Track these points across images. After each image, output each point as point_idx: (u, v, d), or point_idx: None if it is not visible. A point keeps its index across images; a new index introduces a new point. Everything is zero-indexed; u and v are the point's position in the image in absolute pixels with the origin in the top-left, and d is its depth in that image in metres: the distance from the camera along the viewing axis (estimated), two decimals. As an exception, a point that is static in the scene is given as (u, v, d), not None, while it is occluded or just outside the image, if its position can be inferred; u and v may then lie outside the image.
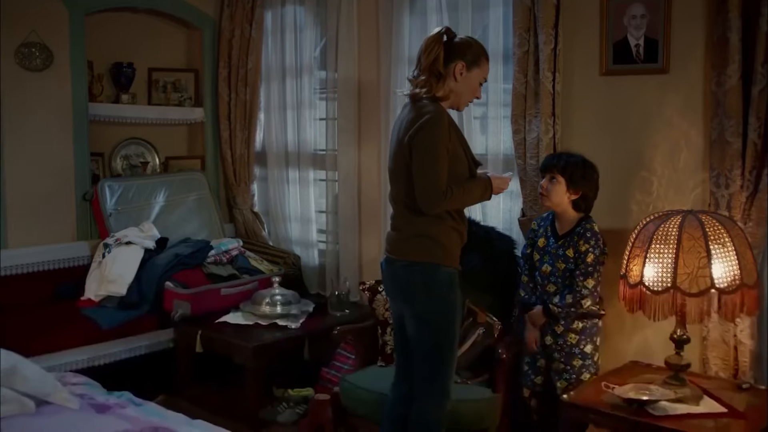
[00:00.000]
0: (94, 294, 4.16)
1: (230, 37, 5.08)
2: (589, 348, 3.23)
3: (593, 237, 3.17)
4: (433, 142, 2.74)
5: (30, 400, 3.10)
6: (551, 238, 3.30)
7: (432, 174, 2.74)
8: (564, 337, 3.23)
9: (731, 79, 3.05)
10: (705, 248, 2.61)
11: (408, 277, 2.87)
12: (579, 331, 3.22)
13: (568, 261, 3.21)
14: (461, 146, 2.86)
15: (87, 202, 4.57)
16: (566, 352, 3.23)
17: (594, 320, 3.25)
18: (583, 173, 3.20)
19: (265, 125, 5.13)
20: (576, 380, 3.20)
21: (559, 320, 3.21)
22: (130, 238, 4.32)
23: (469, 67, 2.86)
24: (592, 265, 3.14)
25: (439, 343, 2.85)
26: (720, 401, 2.77)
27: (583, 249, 3.15)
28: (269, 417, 3.99)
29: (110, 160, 5.05)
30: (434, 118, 2.75)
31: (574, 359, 3.22)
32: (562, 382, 3.23)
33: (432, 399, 2.89)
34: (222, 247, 4.50)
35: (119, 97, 4.97)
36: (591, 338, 3.24)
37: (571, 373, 3.22)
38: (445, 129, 2.76)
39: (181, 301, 4.13)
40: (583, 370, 3.22)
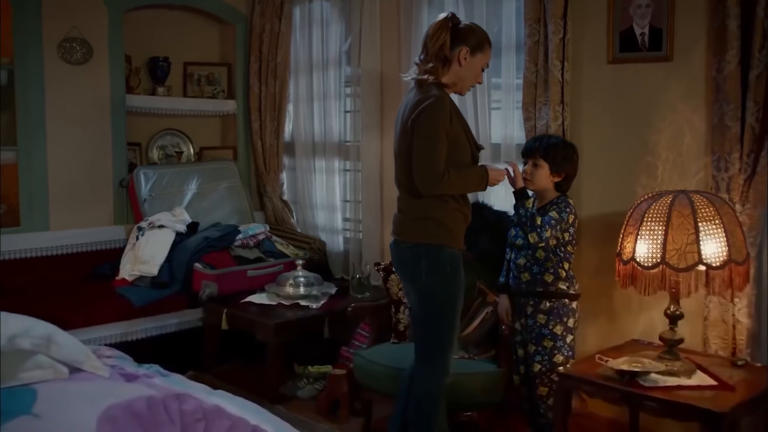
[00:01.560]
0: (128, 274, 4.40)
1: (261, 32, 5.30)
2: (558, 329, 3.24)
3: (565, 205, 3.23)
4: (433, 126, 2.85)
5: (64, 366, 3.34)
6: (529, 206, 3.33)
7: (430, 157, 2.85)
8: (534, 318, 3.27)
9: (730, 65, 3.14)
10: (693, 225, 2.71)
11: (413, 258, 2.99)
12: (547, 311, 3.24)
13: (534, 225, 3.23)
14: (463, 130, 2.98)
15: (123, 188, 4.84)
16: (536, 334, 3.26)
17: (563, 300, 3.25)
18: (564, 155, 3.27)
19: (293, 116, 5.34)
20: (549, 362, 3.23)
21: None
22: (162, 221, 4.56)
23: (472, 53, 2.98)
24: (554, 219, 3.17)
25: (440, 321, 2.98)
26: (712, 375, 2.86)
27: (551, 211, 3.21)
28: (290, 392, 4.19)
29: (147, 150, 5.32)
30: (436, 102, 2.86)
31: (545, 340, 3.24)
32: (536, 365, 3.26)
33: (431, 375, 3.02)
34: (249, 232, 4.72)
35: (155, 89, 5.23)
36: (561, 319, 3.24)
37: (543, 355, 3.24)
38: (446, 113, 2.87)
39: (208, 281, 4.35)
40: (555, 351, 3.23)
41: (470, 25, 3.08)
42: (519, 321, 3.38)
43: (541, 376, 3.25)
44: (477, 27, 3.10)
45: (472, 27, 3.07)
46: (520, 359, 3.41)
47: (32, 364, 3.20)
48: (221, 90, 5.54)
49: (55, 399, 3.04)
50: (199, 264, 4.40)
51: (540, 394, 3.27)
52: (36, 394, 3.06)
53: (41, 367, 3.23)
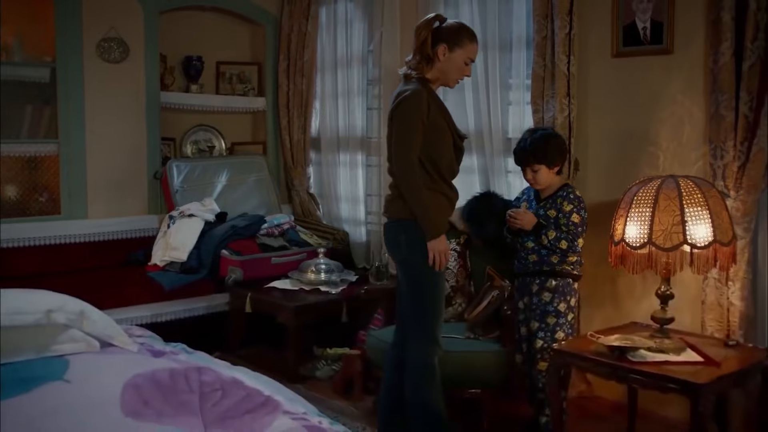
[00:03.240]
0: (159, 260, 4.67)
1: (289, 32, 5.54)
2: (563, 306, 3.39)
3: (576, 198, 3.39)
4: (406, 117, 3.04)
5: (95, 341, 3.60)
6: (533, 201, 3.53)
7: (402, 144, 3.05)
8: (539, 296, 3.42)
9: (724, 56, 3.26)
10: (679, 207, 2.85)
11: (395, 233, 3.18)
12: (552, 289, 3.40)
13: (548, 221, 3.41)
14: (444, 120, 3.13)
15: (157, 180, 5.12)
16: (541, 311, 3.41)
17: (567, 280, 3.41)
18: (555, 149, 3.42)
19: (319, 113, 5.56)
20: (551, 338, 3.38)
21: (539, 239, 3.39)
22: (192, 211, 4.81)
23: (451, 49, 3.12)
24: (580, 225, 3.36)
25: (423, 293, 3.15)
26: (700, 353, 2.97)
27: (567, 209, 3.37)
28: (309, 373, 4.39)
29: (181, 145, 5.60)
30: (410, 95, 3.06)
31: (548, 317, 3.39)
32: (538, 341, 3.41)
33: (420, 344, 3.17)
34: (275, 222, 4.95)
35: (189, 87, 5.51)
36: (564, 297, 3.40)
37: (546, 331, 3.39)
38: (420, 106, 3.04)
39: (234, 267, 4.59)
40: (557, 328, 3.38)
41: (453, 24, 3.21)
42: (522, 300, 3.54)
43: (543, 351, 3.38)
44: (459, 25, 3.23)
45: (453, 25, 3.19)
46: (523, 337, 3.55)
47: (66, 338, 3.46)
48: (252, 88, 5.79)
49: (85, 368, 3.29)
50: (225, 251, 4.64)
51: (540, 369, 3.39)
52: (68, 363, 3.31)
53: (74, 341, 3.49)
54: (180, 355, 3.65)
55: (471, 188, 4.27)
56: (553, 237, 3.36)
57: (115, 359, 3.47)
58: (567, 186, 3.48)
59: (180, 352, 3.69)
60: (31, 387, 3.06)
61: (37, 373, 3.18)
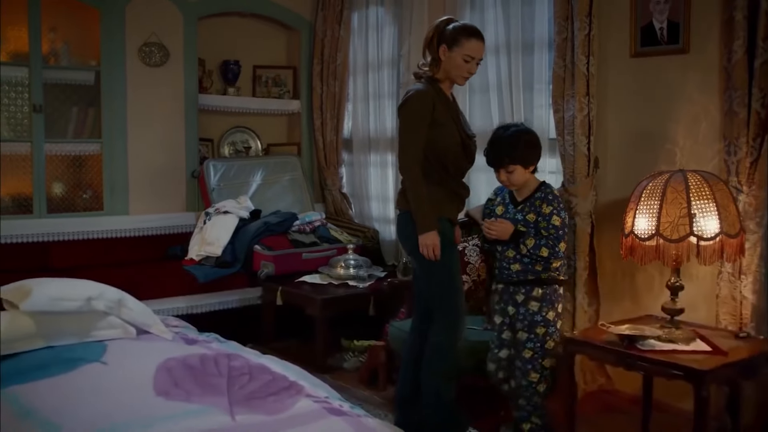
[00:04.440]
0: (196, 254, 4.88)
1: (323, 36, 5.73)
2: (551, 315, 3.23)
3: (555, 200, 3.21)
4: (408, 116, 3.22)
5: (132, 328, 3.81)
6: (509, 204, 3.32)
7: (404, 141, 3.23)
8: (525, 306, 3.24)
9: (737, 54, 3.33)
10: (686, 200, 2.93)
11: (404, 224, 3.32)
12: (540, 297, 3.23)
13: (528, 226, 3.21)
14: (451, 118, 3.27)
15: (195, 178, 5.34)
16: (529, 321, 3.23)
17: (553, 286, 3.25)
18: (528, 147, 3.23)
19: (352, 114, 5.74)
20: (541, 349, 3.23)
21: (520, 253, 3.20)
22: (227, 208, 5.02)
23: (450, 48, 3.25)
24: (561, 227, 3.17)
25: (434, 281, 3.28)
26: (709, 343, 3.04)
27: (547, 211, 3.18)
28: (336, 364, 4.55)
29: (219, 146, 5.82)
30: (414, 95, 3.23)
31: (537, 327, 3.23)
32: (527, 351, 3.24)
33: (445, 322, 3.30)
34: (306, 219, 5.13)
35: (227, 90, 5.74)
36: (552, 305, 3.24)
37: (536, 342, 3.23)
38: (424, 104, 3.19)
39: (267, 261, 4.78)
40: (547, 337, 3.23)
41: (456, 25, 3.33)
42: (506, 308, 3.35)
43: (533, 362, 3.24)
44: (461, 25, 3.33)
45: (455, 26, 3.31)
46: (505, 342, 3.38)
47: (105, 324, 3.69)
48: (287, 91, 5.99)
49: (121, 351, 3.51)
50: (258, 246, 4.83)
51: (530, 380, 3.25)
52: (106, 347, 3.54)
53: (112, 327, 3.71)
54: (212, 343, 3.84)
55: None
56: (532, 245, 3.16)
57: (150, 345, 3.68)
58: (544, 186, 3.29)
59: (212, 341, 3.89)
60: (72, 367, 3.29)
61: (77, 355, 3.40)
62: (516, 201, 3.29)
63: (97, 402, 2.91)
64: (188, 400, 2.97)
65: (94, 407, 2.85)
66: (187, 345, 3.76)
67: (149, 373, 3.23)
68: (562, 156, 4.07)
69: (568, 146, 4.01)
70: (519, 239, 3.18)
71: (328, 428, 2.83)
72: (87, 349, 3.49)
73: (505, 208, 3.33)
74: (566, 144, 4.02)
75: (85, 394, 3.00)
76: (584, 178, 3.95)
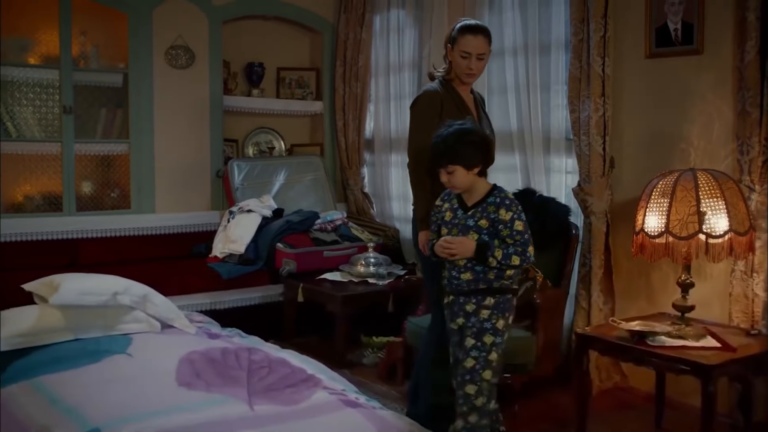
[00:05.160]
0: (219, 252, 4.99)
1: (345, 39, 5.83)
2: (500, 323, 2.91)
3: (513, 203, 2.90)
4: (414, 117, 3.35)
5: (157, 322, 3.93)
6: (458, 210, 2.97)
7: (410, 141, 3.36)
8: (476, 315, 2.92)
9: (749, 55, 3.37)
10: (695, 198, 2.98)
11: (413, 224, 3.45)
12: (492, 306, 2.91)
13: (481, 231, 2.89)
14: (462, 116, 3.27)
15: (219, 178, 5.47)
16: (478, 329, 2.90)
17: (507, 296, 2.94)
18: (473, 147, 2.89)
19: (373, 115, 5.83)
20: (484, 360, 2.89)
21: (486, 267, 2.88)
22: (250, 206, 5.13)
23: (451, 47, 3.36)
24: (525, 231, 2.89)
25: (423, 274, 3.44)
26: (719, 340, 3.08)
27: (507, 217, 2.86)
28: (356, 359, 4.64)
29: (243, 146, 5.94)
30: (421, 96, 3.36)
31: (485, 335, 2.90)
32: (470, 360, 2.90)
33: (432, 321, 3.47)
34: (328, 218, 5.23)
35: (251, 91, 5.85)
36: (503, 314, 2.92)
37: (481, 351, 2.89)
38: (431, 105, 3.30)
39: (288, 259, 4.88)
40: (494, 348, 2.89)
41: (456, 24, 3.42)
42: (456, 320, 2.99)
43: (473, 373, 2.89)
44: (459, 23, 3.42)
45: (456, 25, 3.41)
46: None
47: (130, 318, 3.82)
48: (310, 92, 6.10)
49: (146, 344, 3.64)
50: (280, 244, 4.93)
51: (468, 393, 2.89)
52: (131, 340, 3.67)
53: (138, 321, 3.84)
54: (234, 338, 3.95)
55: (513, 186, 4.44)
56: (501, 256, 2.83)
57: (174, 338, 3.80)
58: (497, 189, 2.95)
59: (234, 336, 4.00)
60: (98, 358, 3.42)
61: (103, 347, 3.54)
62: (465, 206, 2.96)
63: (121, 391, 3.03)
64: (208, 390, 3.08)
65: (119, 396, 2.97)
66: (209, 339, 3.87)
67: (172, 365, 3.35)
68: (578, 156, 4.12)
69: (583, 146, 4.06)
70: (486, 253, 2.84)
71: (343, 419, 2.93)
72: (113, 342, 3.62)
73: (454, 213, 2.98)
74: (582, 144, 4.07)
75: (110, 384, 3.12)
76: (600, 177, 4.00)
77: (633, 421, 3.71)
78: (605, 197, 4.01)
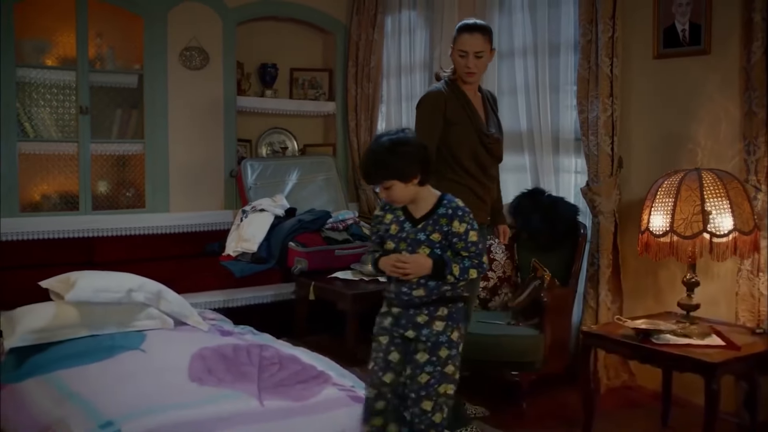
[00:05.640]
0: (232, 250, 5.05)
1: (357, 40, 5.88)
2: (455, 335, 2.73)
3: (465, 213, 2.70)
4: (420, 115, 3.40)
5: (170, 319, 4.00)
6: (406, 222, 2.71)
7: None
8: (429, 327, 2.71)
9: (755, 55, 3.40)
10: (700, 198, 3.01)
11: None
12: (446, 317, 2.73)
13: (433, 246, 2.68)
14: (467, 116, 3.38)
15: (233, 177, 5.53)
16: (432, 342, 2.70)
17: (459, 304, 2.77)
18: (406, 158, 2.62)
19: (385, 116, 5.88)
20: (440, 374, 2.70)
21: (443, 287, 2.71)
22: (263, 206, 5.19)
23: (451, 48, 3.42)
24: (480, 241, 2.73)
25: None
26: (724, 338, 3.11)
27: (461, 229, 2.67)
28: (366, 357, 4.66)
29: (256, 146, 6.01)
30: (424, 97, 3.43)
31: (441, 349, 2.70)
32: (424, 375, 2.69)
33: None
34: (339, 217, 5.28)
35: (264, 92, 5.92)
36: (457, 324, 2.75)
37: (436, 365, 2.69)
38: (434, 104, 3.36)
39: (300, 258, 4.94)
40: (449, 361, 2.71)
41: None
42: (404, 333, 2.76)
43: (428, 388, 2.69)
44: (459, 24, 3.49)
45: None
46: (391, 365, 2.80)
47: (144, 315, 3.89)
48: (323, 92, 6.16)
49: (159, 341, 3.71)
50: (293, 243, 4.99)
51: (424, 409, 2.69)
52: (145, 336, 3.74)
53: (151, 318, 3.91)
54: (246, 335, 4.02)
55: (522, 185, 4.49)
56: (459, 272, 2.66)
57: (187, 335, 3.87)
58: (447, 200, 2.73)
59: (247, 333, 4.06)
60: (112, 354, 3.50)
61: (117, 343, 3.62)
62: (413, 218, 2.71)
63: (134, 386, 3.10)
64: (219, 386, 3.15)
65: (132, 391, 3.04)
66: (221, 336, 3.94)
67: (184, 361, 3.42)
68: (587, 156, 4.15)
69: (592, 146, 4.09)
70: (444, 271, 2.66)
71: (351, 414, 2.99)
72: (127, 338, 3.69)
73: (400, 226, 2.72)
74: (590, 144, 4.10)
75: (124, 378, 3.20)
76: (608, 177, 4.03)
77: (640, 419, 3.73)
78: (613, 197, 4.04)
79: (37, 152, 4.96)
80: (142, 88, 5.23)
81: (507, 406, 3.81)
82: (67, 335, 3.60)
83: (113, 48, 5.22)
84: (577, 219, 4.17)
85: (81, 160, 5.04)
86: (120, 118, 5.28)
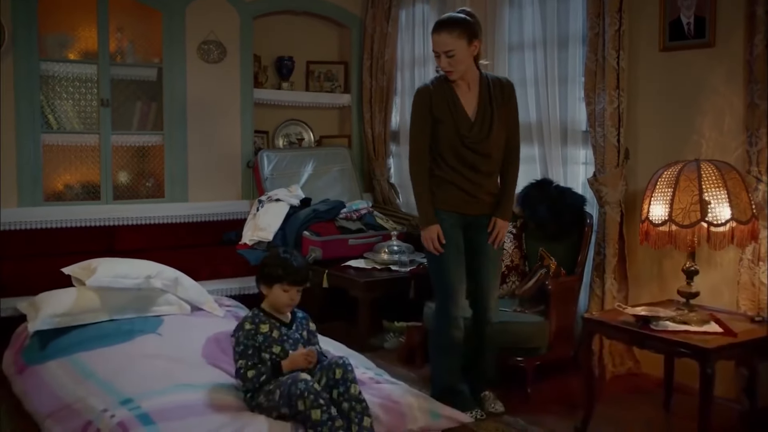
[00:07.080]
0: (249, 239, 5.19)
1: (372, 33, 5.98)
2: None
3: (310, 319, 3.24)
4: (411, 113, 3.54)
5: (187, 305, 4.13)
6: (281, 327, 3.04)
7: (410, 137, 3.54)
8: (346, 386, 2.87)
9: (758, 48, 3.45)
10: (698, 188, 3.08)
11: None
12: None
13: (303, 341, 3.09)
14: (448, 111, 3.44)
15: (249, 168, 5.66)
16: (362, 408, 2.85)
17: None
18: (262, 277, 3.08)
19: (399, 107, 5.98)
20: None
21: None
22: (279, 196, 5.32)
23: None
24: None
25: (430, 267, 3.64)
26: (722, 326, 3.18)
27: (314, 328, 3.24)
28: (378, 343, 4.80)
29: (273, 138, 6.14)
30: (414, 94, 3.53)
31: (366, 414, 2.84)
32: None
33: (436, 309, 3.65)
34: (353, 207, 5.39)
35: (281, 84, 6.04)
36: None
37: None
38: (420, 101, 3.47)
39: (315, 246, 5.06)
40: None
41: None
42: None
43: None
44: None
45: None
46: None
47: (162, 301, 4.03)
48: (338, 85, 6.27)
49: (176, 325, 3.86)
50: (307, 232, 5.11)
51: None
52: (163, 321, 3.88)
53: (169, 304, 4.05)
54: (261, 321, 4.13)
55: (531, 176, 4.57)
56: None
57: (202, 320, 4.01)
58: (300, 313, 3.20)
59: (261, 319, 4.18)
60: (130, 337, 3.65)
61: (136, 327, 3.77)
62: (283, 322, 3.06)
63: (150, 367, 3.24)
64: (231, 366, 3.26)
65: (149, 371, 3.18)
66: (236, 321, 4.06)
67: (199, 343, 3.56)
68: (594, 147, 4.21)
69: (599, 138, 4.16)
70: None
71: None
72: (145, 323, 3.84)
73: (279, 331, 3.01)
74: (597, 135, 4.17)
75: (141, 360, 3.34)
76: (614, 168, 4.10)
77: (643, 405, 3.81)
78: (619, 187, 4.11)
79: (60, 144, 5.13)
80: (161, 81, 5.37)
81: (512, 391, 3.90)
82: (88, 319, 3.75)
83: (133, 42, 5.37)
84: (584, 209, 4.24)
85: (102, 151, 5.20)
86: (140, 110, 5.43)
